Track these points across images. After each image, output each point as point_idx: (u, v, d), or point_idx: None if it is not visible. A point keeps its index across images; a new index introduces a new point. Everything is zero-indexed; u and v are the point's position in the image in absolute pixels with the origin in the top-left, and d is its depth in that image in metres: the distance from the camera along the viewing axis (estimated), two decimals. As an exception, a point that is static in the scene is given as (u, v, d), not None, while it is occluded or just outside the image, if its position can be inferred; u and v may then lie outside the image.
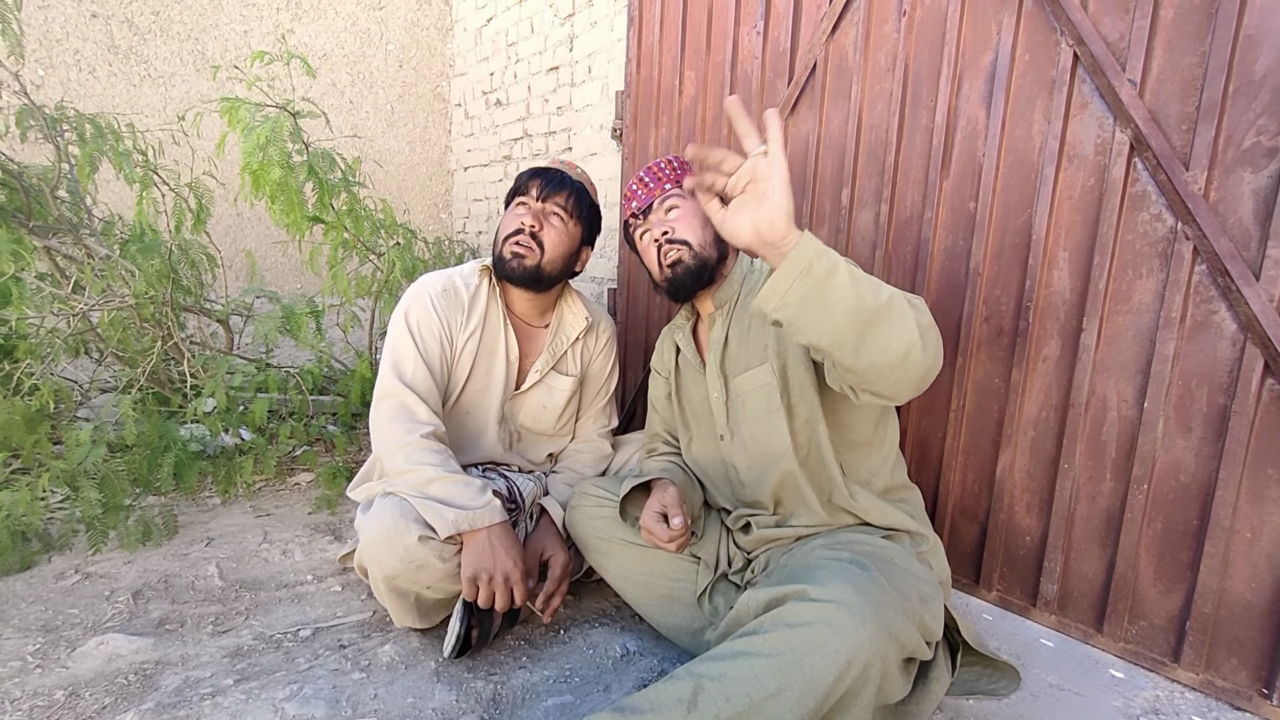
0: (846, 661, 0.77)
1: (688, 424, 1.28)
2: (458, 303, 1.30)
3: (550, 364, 1.38)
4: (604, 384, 1.49)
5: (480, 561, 1.08)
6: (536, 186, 1.27)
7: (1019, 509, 1.30)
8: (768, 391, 1.09)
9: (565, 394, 1.41)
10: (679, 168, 1.17)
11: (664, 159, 1.18)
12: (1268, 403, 1.02)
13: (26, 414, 1.49)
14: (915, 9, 1.38)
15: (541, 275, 1.28)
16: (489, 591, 1.07)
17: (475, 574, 1.07)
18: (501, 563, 1.08)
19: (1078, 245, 1.19)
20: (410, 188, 3.66)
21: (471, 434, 1.36)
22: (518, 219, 1.26)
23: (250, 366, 1.82)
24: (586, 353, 1.45)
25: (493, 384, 1.34)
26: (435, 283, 1.30)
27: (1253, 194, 1.01)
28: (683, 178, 1.16)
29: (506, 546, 1.09)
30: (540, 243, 1.25)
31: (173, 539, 1.54)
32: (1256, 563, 1.04)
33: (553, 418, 1.41)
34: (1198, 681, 1.10)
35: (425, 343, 1.25)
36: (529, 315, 1.38)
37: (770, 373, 1.09)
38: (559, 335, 1.40)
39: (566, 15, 2.52)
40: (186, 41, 2.97)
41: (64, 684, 1.03)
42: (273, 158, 1.64)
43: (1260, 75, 0.99)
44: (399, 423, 1.17)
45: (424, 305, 1.27)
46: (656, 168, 1.17)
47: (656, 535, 1.09)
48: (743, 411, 1.14)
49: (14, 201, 1.71)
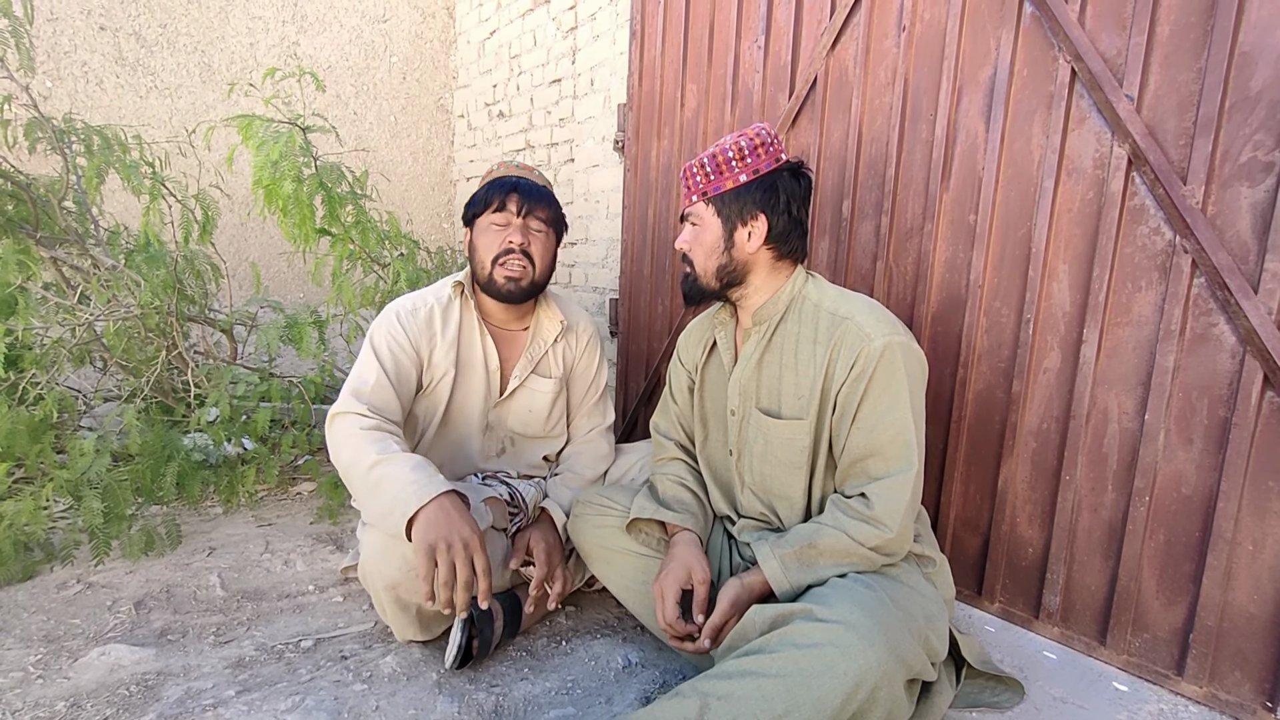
0: (855, 684, 0.77)
1: (705, 423, 1.25)
2: (428, 320, 1.29)
3: (530, 368, 1.38)
4: (592, 381, 1.48)
5: (434, 530, 0.96)
6: (515, 201, 1.26)
7: (1021, 520, 1.30)
8: (797, 448, 1.06)
9: (549, 396, 1.41)
10: (713, 171, 1.07)
11: (699, 160, 1.08)
12: (1268, 415, 1.02)
13: (31, 424, 1.50)
14: (915, 24, 1.39)
15: (536, 290, 1.31)
16: (449, 562, 0.95)
17: (431, 544, 0.95)
18: (457, 527, 0.97)
19: (1077, 258, 1.20)
20: (413, 198, 3.68)
21: (458, 445, 1.36)
22: (503, 238, 1.25)
23: (253, 376, 1.83)
24: (569, 353, 1.45)
25: (475, 393, 1.34)
26: (404, 303, 1.31)
27: (1250, 208, 1.02)
28: (712, 186, 1.07)
29: (461, 512, 0.99)
30: (531, 259, 1.27)
31: (175, 549, 1.54)
32: (1259, 575, 1.04)
33: (540, 420, 1.41)
34: (1201, 694, 1.10)
35: (394, 357, 1.24)
36: (507, 322, 1.38)
37: (806, 432, 1.04)
38: (537, 339, 1.40)
39: (569, 28, 2.54)
40: (193, 54, 3.00)
41: (66, 695, 1.03)
42: (285, 172, 1.65)
43: (1256, 91, 1.00)
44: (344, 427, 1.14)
45: (392, 324, 1.27)
46: (690, 172, 1.10)
47: (665, 616, 1.02)
48: (763, 448, 1.10)
49: (21, 212, 1.73)
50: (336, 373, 2.07)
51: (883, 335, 0.98)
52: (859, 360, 0.98)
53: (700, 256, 1.10)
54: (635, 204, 2.15)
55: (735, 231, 1.07)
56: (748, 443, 1.12)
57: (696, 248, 1.10)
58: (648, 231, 2.11)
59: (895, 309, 1.46)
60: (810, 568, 0.97)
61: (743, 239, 1.07)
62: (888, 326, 1.00)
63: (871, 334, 0.98)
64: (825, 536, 0.97)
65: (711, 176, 1.06)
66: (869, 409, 0.98)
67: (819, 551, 0.98)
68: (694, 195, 1.09)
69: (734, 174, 1.05)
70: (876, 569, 0.98)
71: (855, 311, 1.02)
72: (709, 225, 1.08)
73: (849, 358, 0.99)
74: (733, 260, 1.08)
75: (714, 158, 1.06)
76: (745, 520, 1.17)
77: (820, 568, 0.97)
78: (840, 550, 0.97)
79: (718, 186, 1.06)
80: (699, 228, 1.10)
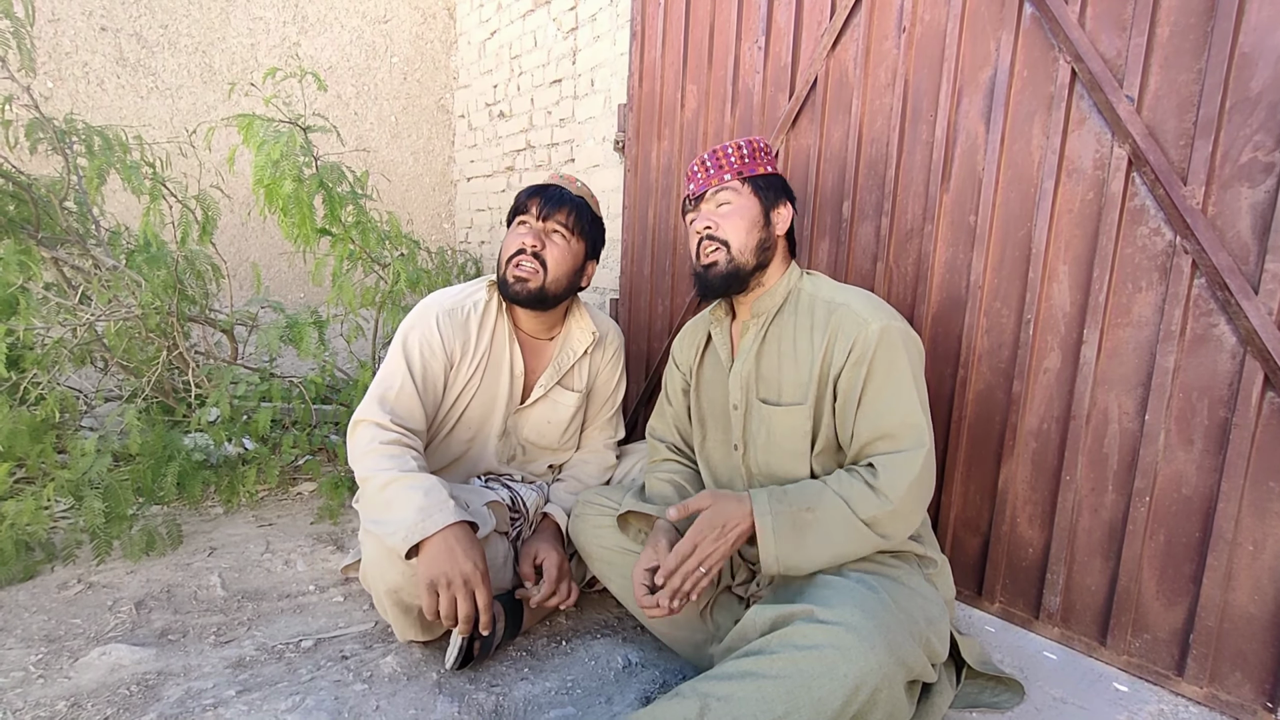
0: (855, 686, 0.77)
1: (703, 423, 1.25)
2: (464, 323, 1.29)
3: (555, 379, 1.38)
4: (610, 396, 1.49)
5: (436, 566, 0.98)
6: (536, 205, 1.26)
7: (1021, 521, 1.30)
8: (799, 435, 1.06)
9: (570, 409, 1.41)
10: (749, 155, 1.10)
11: (734, 143, 1.11)
12: (1268, 416, 1.02)
13: (32, 424, 1.50)
14: (915, 26, 1.39)
15: (546, 296, 1.27)
16: (449, 598, 0.98)
17: (432, 580, 0.98)
18: (461, 565, 0.99)
19: (1077, 259, 1.20)
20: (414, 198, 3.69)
21: (473, 447, 1.36)
22: (519, 239, 1.26)
23: (254, 376, 1.83)
24: (594, 366, 1.44)
25: (497, 398, 1.34)
26: (444, 302, 1.29)
27: (1250, 209, 1.02)
28: (748, 168, 1.10)
29: (465, 548, 1.00)
30: (543, 262, 1.25)
31: (176, 549, 1.54)
32: (1259, 576, 1.04)
33: (557, 433, 1.41)
34: (1202, 695, 1.10)
35: (423, 362, 1.24)
36: (536, 330, 1.38)
37: (806, 418, 1.05)
38: (565, 350, 1.39)
39: (570, 29, 2.54)
40: (194, 54, 3.00)
41: (66, 695, 1.04)
42: (286, 172, 1.66)
43: (1256, 92, 1.00)
44: (365, 438, 1.15)
45: (428, 325, 1.26)
46: (722, 152, 1.11)
47: (643, 604, 0.99)
48: (766, 439, 1.10)
49: (23, 213, 1.73)
50: (337, 373, 2.08)
51: (879, 320, 0.99)
52: (856, 345, 0.99)
53: (740, 233, 1.09)
54: (635, 204, 2.15)
55: (772, 211, 1.12)
56: (752, 435, 1.13)
57: (733, 225, 1.09)
58: (648, 232, 2.11)
59: (896, 309, 1.46)
60: (801, 537, 0.94)
61: (776, 220, 1.12)
62: (884, 312, 1.02)
63: (868, 319, 1.00)
64: (825, 503, 0.95)
65: (747, 160, 1.11)
66: (873, 394, 0.99)
67: (815, 518, 0.95)
68: (728, 174, 1.10)
69: (764, 163, 1.13)
70: (868, 553, 0.96)
71: (851, 299, 1.05)
72: (748, 203, 1.10)
73: (846, 343, 1.00)
74: (770, 237, 1.11)
75: (750, 144, 1.12)
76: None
77: (809, 545, 0.93)
78: (835, 521, 0.94)
79: (754, 169, 1.11)
80: (734, 206, 1.10)
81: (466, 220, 3.65)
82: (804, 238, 1.63)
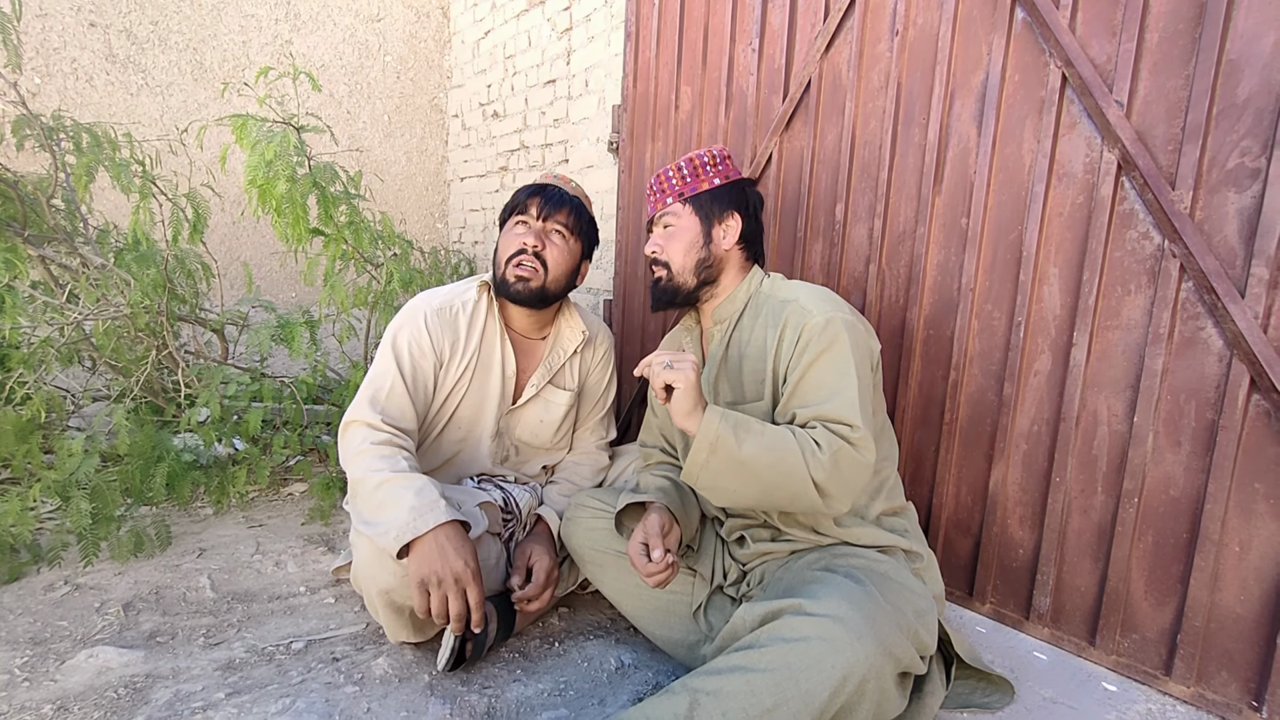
0: (843, 677, 0.77)
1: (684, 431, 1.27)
2: (452, 322, 1.29)
3: (546, 378, 1.38)
4: (601, 396, 1.49)
5: (428, 565, 0.98)
6: (536, 205, 1.27)
7: (1012, 522, 1.31)
8: None
9: (562, 408, 1.41)
10: (689, 175, 1.15)
11: (675, 164, 1.16)
12: (1254, 418, 1.03)
13: (18, 424, 1.48)
14: (908, 29, 1.40)
15: (546, 295, 1.28)
16: (440, 596, 0.98)
17: (423, 579, 0.98)
18: (452, 564, 0.98)
19: (1067, 262, 1.21)
20: (407, 198, 3.67)
21: (465, 448, 1.36)
22: (519, 239, 1.26)
23: (245, 376, 1.82)
24: (584, 366, 1.45)
25: (489, 398, 1.34)
26: (432, 301, 1.29)
27: (1237, 213, 1.03)
28: (689, 188, 1.15)
29: (457, 546, 1.00)
30: (544, 262, 1.26)
31: (165, 550, 1.52)
32: (1245, 576, 1.05)
33: (550, 432, 1.41)
34: (1189, 694, 1.11)
35: (413, 362, 1.23)
36: (529, 329, 1.38)
37: (766, 414, 1.07)
38: (556, 349, 1.39)
39: (564, 30, 2.54)
40: (185, 52, 2.98)
41: (53, 698, 1.02)
42: (280, 173, 1.64)
43: (1243, 99, 1.02)
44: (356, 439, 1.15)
45: (417, 325, 1.25)
46: (664, 176, 1.17)
47: (638, 568, 1.04)
48: None
49: (9, 210, 1.71)
50: (329, 373, 2.06)
51: (824, 312, 1.01)
52: (802, 334, 1.01)
53: (678, 254, 1.15)
54: (630, 205, 2.15)
55: (713, 228, 1.14)
56: None
57: (673, 247, 1.15)
58: (642, 233, 2.11)
59: (888, 312, 1.47)
60: (741, 436, 0.92)
61: (719, 236, 1.14)
62: (830, 305, 1.03)
63: (813, 310, 1.02)
64: (772, 430, 0.94)
65: (688, 179, 1.15)
66: (812, 376, 0.99)
67: (761, 430, 0.94)
68: (669, 197, 1.16)
69: (709, 177, 1.15)
70: (803, 509, 0.95)
71: (800, 294, 1.07)
72: (687, 224, 1.14)
73: (793, 335, 1.02)
74: (711, 255, 1.15)
75: (690, 162, 1.16)
76: (734, 520, 1.18)
77: (745, 445, 0.92)
78: (777, 442, 0.93)
79: (694, 188, 1.15)
80: (674, 228, 1.15)
81: (460, 220, 3.64)
82: (797, 239, 1.64)
